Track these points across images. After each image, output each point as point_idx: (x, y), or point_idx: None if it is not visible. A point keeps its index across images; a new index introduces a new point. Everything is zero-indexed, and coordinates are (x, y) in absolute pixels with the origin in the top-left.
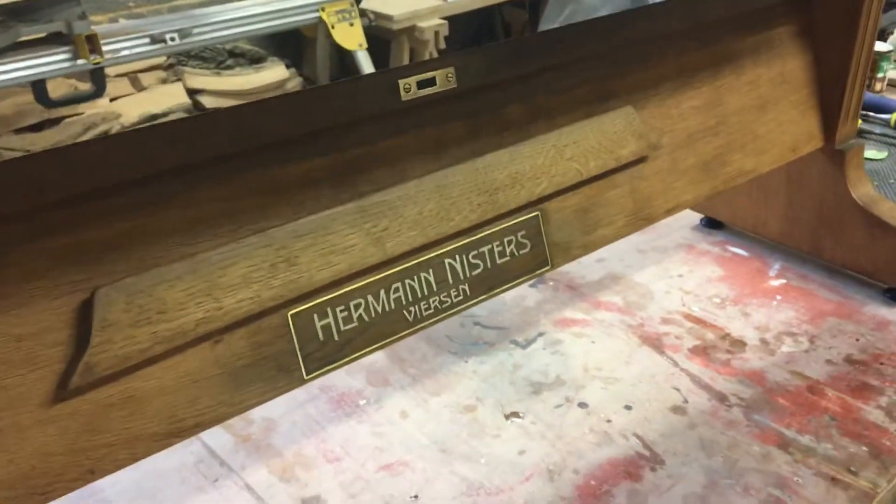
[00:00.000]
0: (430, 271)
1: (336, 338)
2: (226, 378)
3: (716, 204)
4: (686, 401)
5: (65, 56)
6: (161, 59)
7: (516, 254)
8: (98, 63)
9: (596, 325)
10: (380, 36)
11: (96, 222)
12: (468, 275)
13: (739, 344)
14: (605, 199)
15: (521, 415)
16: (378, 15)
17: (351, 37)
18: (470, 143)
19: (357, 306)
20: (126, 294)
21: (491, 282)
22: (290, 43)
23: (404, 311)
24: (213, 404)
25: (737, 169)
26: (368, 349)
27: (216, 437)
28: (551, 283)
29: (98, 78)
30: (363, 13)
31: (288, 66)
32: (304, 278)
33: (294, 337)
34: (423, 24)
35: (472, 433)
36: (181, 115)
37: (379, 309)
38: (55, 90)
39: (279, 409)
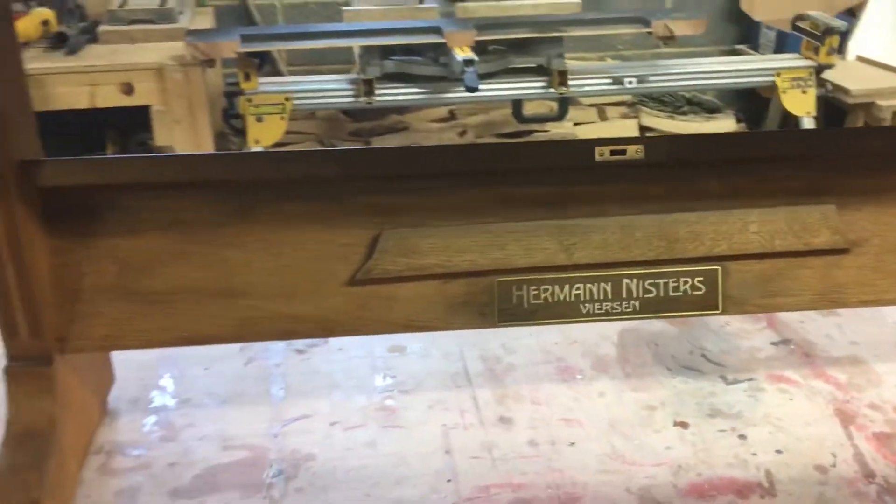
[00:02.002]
0: (609, 284)
1: (525, 306)
2: (446, 306)
3: None
4: (834, 465)
5: (541, 84)
6: (626, 97)
7: (689, 293)
8: (563, 94)
9: (804, 389)
10: (836, 106)
11: (397, 194)
12: (640, 295)
13: None
14: (794, 274)
15: (687, 426)
16: (836, 87)
17: (800, 104)
18: (661, 201)
19: (545, 290)
20: (397, 237)
21: (660, 307)
22: (746, 99)
23: (580, 305)
24: (433, 318)
25: None
26: (546, 321)
27: (474, 363)
28: (792, 347)
29: (563, 105)
30: (822, 82)
31: (739, 121)
32: (509, 260)
33: (496, 296)
34: (882, 102)
35: (642, 423)
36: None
37: (561, 297)
38: (530, 109)
39: (522, 360)
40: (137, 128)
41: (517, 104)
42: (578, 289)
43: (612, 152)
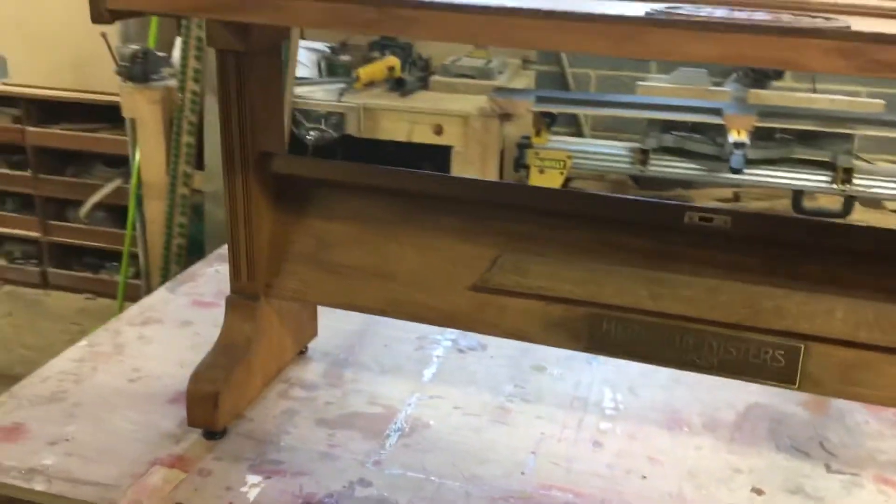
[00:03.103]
0: (692, 337)
1: (611, 339)
2: (545, 324)
3: None
4: None
5: (823, 179)
6: None
7: (768, 363)
8: (844, 191)
9: None
10: None
11: (520, 223)
12: (720, 354)
13: None
14: (879, 369)
15: (762, 493)
16: None
17: None
18: (750, 271)
19: (628, 329)
20: (513, 259)
21: (738, 369)
22: None
23: (662, 350)
24: (533, 332)
25: None
26: (628, 357)
27: (597, 395)
28: None
29: (848, 203)
30: None
31: None
32: (602, 296)
33: (588, 325)
34: None
35: (720, 480)
36: None
37: (644, 338)
38: (814, 202)
39: (640, 404)
40: (440, 164)
41: (797, 195)
42: (663, 335)
43: (700, 218)
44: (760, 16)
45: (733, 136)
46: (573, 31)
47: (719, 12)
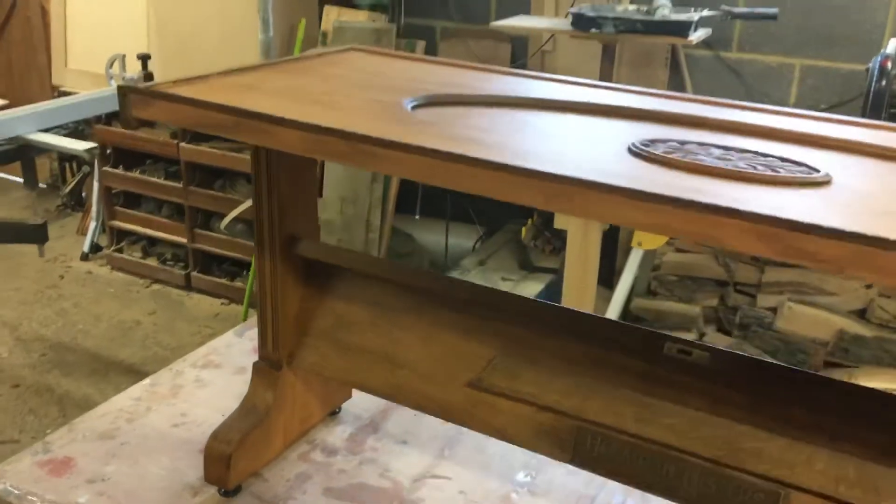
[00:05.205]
0: (673, 465)
1: (594, 455)
2: (533, 430)
3: None
4: None
5: None
6: None
7: (747, 503)
8: None
9: None
10: None
11: (518, 327)
12: (699, 487)
13: None
14: None
15: None
16: None
17: None
18: (734, 408)
19: (612, 448)
20: (505, 363)
21: None
22: None
23: (644, 474)
24: (521, 437)
25: None
26: (608, 476)
27: (609, 494)
28: None
29: None
30: None
31: None
32: (585, 410)
33: (574, 437)
34: None
35: None
36: None
37: (627, 459)
38: None
39: None
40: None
41: None
42: (645, 459)
43: (679, 350)
44: (741, 163)
45: None
46: (509, 182)
47: (703, 155)
